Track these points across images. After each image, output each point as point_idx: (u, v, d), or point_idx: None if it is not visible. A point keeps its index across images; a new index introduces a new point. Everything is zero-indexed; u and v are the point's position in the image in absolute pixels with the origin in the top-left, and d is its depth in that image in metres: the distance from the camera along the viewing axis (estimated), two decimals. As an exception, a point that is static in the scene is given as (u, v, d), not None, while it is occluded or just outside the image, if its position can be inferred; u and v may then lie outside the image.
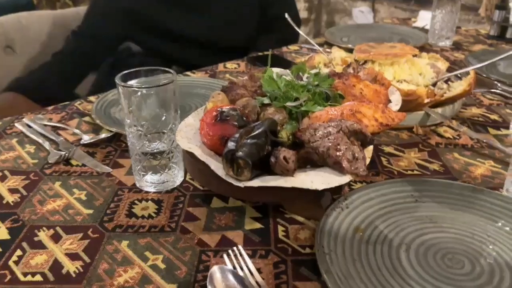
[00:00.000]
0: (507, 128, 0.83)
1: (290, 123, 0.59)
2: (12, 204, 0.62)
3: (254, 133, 0.52)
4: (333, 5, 2.34)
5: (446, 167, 0.71)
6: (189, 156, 0.54)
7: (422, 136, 0.81)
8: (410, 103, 0.79)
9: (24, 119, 0.86)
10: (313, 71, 0.69)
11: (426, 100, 0.79)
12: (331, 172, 0.51)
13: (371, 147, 0.55)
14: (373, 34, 1.44)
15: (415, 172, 0.70)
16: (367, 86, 0.67)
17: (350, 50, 1.28)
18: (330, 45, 1.34)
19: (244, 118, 0.56)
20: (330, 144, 0.50)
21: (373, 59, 0.88)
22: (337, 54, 1.04)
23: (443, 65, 0.97)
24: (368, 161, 0.53)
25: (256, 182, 0.48)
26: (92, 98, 0.97)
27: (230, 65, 1.19)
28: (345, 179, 0.50)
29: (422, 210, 0.59)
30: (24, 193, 0.65)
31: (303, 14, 2.51)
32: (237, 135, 0.51)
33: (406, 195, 0.61)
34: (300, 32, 1.07)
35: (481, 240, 0.54)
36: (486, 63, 0.85)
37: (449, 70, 0.99)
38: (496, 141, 0.78)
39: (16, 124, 0.85)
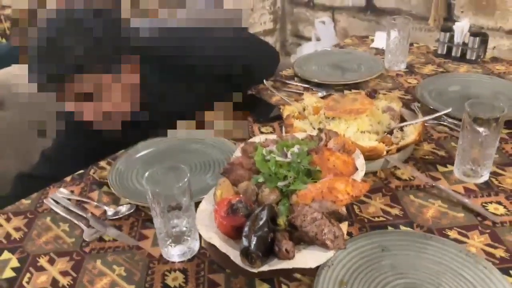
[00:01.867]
0: (452, 164, 1.03)
1: (283, 204, 0.76)
2: (67, 287, 0.78)
3: (259, 225, 0.68)
4: (297, 15, 2.49)
5: (405, 211, 0.90)
6: (210, 244, 0.71)
7: (384, 180, 0.99)
8: (372, 156, 0.97)
9: (49, 195, 1.00)
10: (296, 150, 0.85)
11: (384, 152, 0.98)
12: (319, 250, 0.69)
13: (346, 222, 0.73)
14: (335, 60, 1.61)
15: (381, 218, 0.89)
16: (338, 158, 0.85)
17: (318, 85, 1.45)
18: (300, 78, 1.50)
19: (248, 207, 0.73)
20: (316, 230, 0.68)
21: (340, 117, 1.05)
22: (309, 101, 1.21)
23: (397, 106, 1.16)
24: (345, 233, 0.71)
25: (266, 267, 0.66)
26: (103, 163, 1.11)
27: (215, 110, 1.34)
28: (330, 254, 0.68)
29: (387, 259, 0.78)
30: (74, 274, 0.80)
31: (268, 25, 2.67)
32: (246, 229, 0.68)
33: (375, 246, 0.80)
34: (277, 93, 1.22)
35: (433, 283, 0.73)
36: (428, 117, 1.04)
37: (404, 103, 1.18)
38: (444, 181, 0.98)
39: (45, 201, 0.99)
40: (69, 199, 0.99)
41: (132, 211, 0.93)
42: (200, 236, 0.82)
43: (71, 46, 0.94)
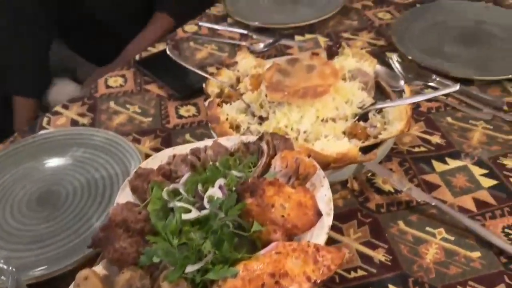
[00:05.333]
0: (454, 156, 0.71)
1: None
2: None
3: None
4: None
5: (393, 252, 0.59)
6: None
7: (359, 195, 0.67)
8: (342, 165, 0.64)
9: None
10: (217, 193, 0.50)
11: (359, 157, 0.64)
12: None
13: None
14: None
15: (359, 272, 0.57)
16: (289, 198, 0.50)
17: (260, 30, 1.06)
18: (235, 21, 1.09)
19: None
20: None
21: (289, 101, 0.69)
22: (244, 64, 0.83)
23: (370, 65, 0.80)
24: None
25: None
26: None
27: (114, 81, 0.94)
28: None
29: None
30: None
31: None
32: None
33: None
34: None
35: None
36: (420, 98, 0.70)
37: (377, 53, 0.84)
38: (445, 189, 0.66)
39: None
40: None
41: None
42: None
43: None
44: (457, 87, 0.63)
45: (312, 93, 0.68)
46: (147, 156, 0.74)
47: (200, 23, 1.10)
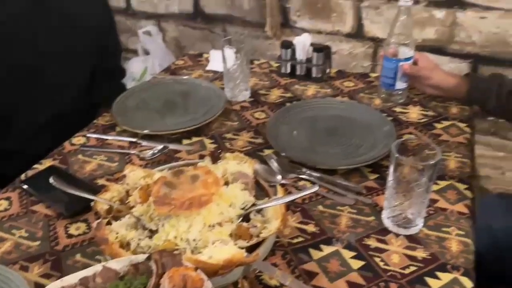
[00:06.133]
0: (327, 242, 0.81)
1: None
2: None
3: None
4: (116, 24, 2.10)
5: None
6: None
7: (249, 293, 0.73)
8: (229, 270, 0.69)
9: None
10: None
11: (244, 258, 0.70)
12: None
13: None
14: (165, 95, 1.30)
15: None
16: (179, 317, 0.54)
17: (149, 136, 1.12)
18: (124, 130, 1.15)
19: None
20: None
21: (176, 214, 0.74)
22: (133, 177, 0.87)
23: (249, 166, 0.89)
24: None
25: None
26: None
27: (-3, 205, 0.92)
28: None
29: None
30: None
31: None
32: None
33: None
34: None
35: None
36: (290, 197, 0.79)
37: (256, 152, 0.93)
38: (322, 277, 0.74)
39: None
40: None
41: None
42: None
43: None
44: (316, 188, 0.75)
45: (197, 203, 0.75)
46: (36, 284, 0.73)
47: (88, 134, 1.14)
